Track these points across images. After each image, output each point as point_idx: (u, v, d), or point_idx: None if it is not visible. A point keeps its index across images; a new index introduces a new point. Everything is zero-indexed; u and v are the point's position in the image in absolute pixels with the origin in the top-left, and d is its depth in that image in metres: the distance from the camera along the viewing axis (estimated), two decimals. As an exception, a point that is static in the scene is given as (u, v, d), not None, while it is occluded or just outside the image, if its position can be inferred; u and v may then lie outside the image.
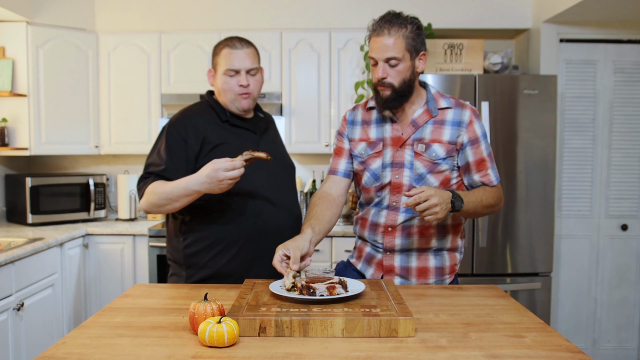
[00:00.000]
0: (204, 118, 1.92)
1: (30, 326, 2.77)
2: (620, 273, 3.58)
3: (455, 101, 1.88)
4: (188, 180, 1.74)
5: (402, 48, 1.74)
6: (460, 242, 1.93)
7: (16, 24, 3.44)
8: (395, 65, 1.75)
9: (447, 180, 1.84)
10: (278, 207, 1.91)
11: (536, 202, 3.21)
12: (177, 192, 1.75)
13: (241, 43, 1.92)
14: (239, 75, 1.88)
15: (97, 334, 1.35)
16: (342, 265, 2.05)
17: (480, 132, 1.84)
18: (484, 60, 3.40)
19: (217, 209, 1.86)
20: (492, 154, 1.88)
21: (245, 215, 1.86)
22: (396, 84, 1.77)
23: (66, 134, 3.62)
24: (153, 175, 1.84)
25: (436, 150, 1.81)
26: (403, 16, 1.78)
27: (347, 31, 3.62)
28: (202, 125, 1.89)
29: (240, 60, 1.89)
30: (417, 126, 1.84)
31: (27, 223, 3.49)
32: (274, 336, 1.32)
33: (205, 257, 1.88)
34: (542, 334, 1.36)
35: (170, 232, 1.98)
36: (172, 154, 1.85)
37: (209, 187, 1.71)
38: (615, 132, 3.54)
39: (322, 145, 3.67)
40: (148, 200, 1.81)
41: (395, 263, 1.88)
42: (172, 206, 1.79)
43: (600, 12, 3.22)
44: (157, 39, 3.68)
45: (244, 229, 1.86)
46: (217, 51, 1.92)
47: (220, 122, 1.92)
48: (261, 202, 1.88)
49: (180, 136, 1.86)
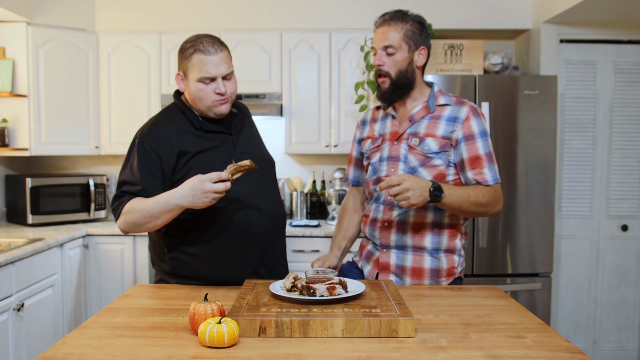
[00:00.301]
0: (177, 127, 1.80)
1: (30, 326, 2.77)
2: (620, 273, 3.58)
3: (456, 99, 1.90)
4: (169, 195, 1.65)
5: (400, 38, 1.82)
6: (458, 243, 1.92)
7: (16, 25, 3.44)
8: (392, 54, 1.83)
9: (441, 175, 1.84)
10: (263, 213, 1.83)
11: (536, 202, 3.21)
12: (157, 209, 1.66)
13: (214, 47, 1.74)
14: (214, 82, 1.75)
15: (97, 334, 1.35)
16: (347, 265, 2.09)
17: (478, 129, 1.83)
18: (484, 60, 3.40)
19: (202, 221, 1.77)
20: (493, 154, 1.86)
21: (231, 227, 1.78)
22: (392, 74, 1.84)
23: (66, 134, 3.62)
24: (128, 194, 1.74)
25: (429, 144, 1.83)
26: (407, 14, 1.86)
27: (347, 31, 3.63)
28: (176, 137, 1.78)
29: (216, 66, 1.73)
30: (413, 121, 1.88)
31: (27, 223, 3.49)
32: (274, 337, 1.32)
33: (192, 271, 1.82)
34: (542, 335, 1.36)
35: (154, 242, 1.90)
36: (146, 172, 1.73)
37: (192, 201, 1.61)
38: (615, 132, 3.54)
39: (322, 146, 3.67)
40: (126, 221, 1.71)
41: (390, 261, 1.90)
42: (153, 224, 1.70)
43: (600, 13, 3.22)
44: (157, 39, 3.68)
45: (231, 241, 1.79)
46: (187, 55, 1.75)
47: (194, 129, 1.81)
48: (246, 210, 1.80)
49: (154, 151, 1.75)
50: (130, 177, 1.76)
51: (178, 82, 1.83)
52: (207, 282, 1.83)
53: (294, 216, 3.81)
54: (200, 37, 1.77)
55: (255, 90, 3.63)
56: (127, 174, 1.78)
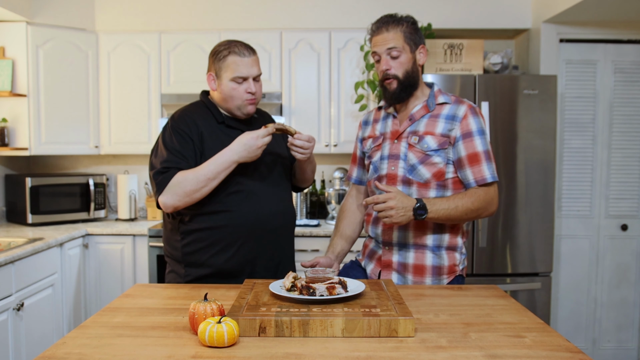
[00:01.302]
0: (203, 118, 1.95)
1: (30, 326, 2.77)
2: (620, 273, 3.58)
3: (455, 98, 1.92)
4: (222, 154, 1.82)
5: (402, 40, 1.85)
6: (460, 241, 1.93)
7: (16, 24, 3.44)
8: (397, 57, 1.85)
9: (440, 173, 1.85)
10: (276, 209, 1.96)
11: (536, 202, 3.21)
12: (214, 169, 1.81)
13: (247, 50, 1.93)
14: (246, 82, 1.92)
15: (97, 334, 1.35)
16: (350, 264, 2.10)
17: (476, 127, 1.84)
18: (484, 60, 3.40)
19: (216, 209, 1.89)
20: (491, 152, 1.87)
21: (244, 216, 1.89)
22: (400, 75, 1.87)
23: (66, 134, 3.62)
24: (172, 169, 1.84)
25: (428, 142, 1.85)
26: (398, 16, 1.89)
27: (347, 31, 3.62)
28: (202, 125, 1.93)
29: (249, 68, 1.91)
30: (413, 120, 1.91)
31: (27, 223, 3.49)
32: (273, 336, 1.32)
33: (204, 256, 1.90)
34: (542, 334, 1.36)
35: (167, 231, 2.00)
36: (185, 148, 1.87)
37: (247, 155, 1.82)
38: (615, 132, 3.54)
39: (322, 146, 3.67)
40: (177, 192, 1.81)
41: (393, 258, 1.92)
42: (210, 186, 1.82)
43: (600, 12, 3.22)
44: (157, 39, 3.67)
45: (244, 229, 1.90)
46: (221, 57, 1.92)
47: (217, 123, 1.95)
48: (259, 201, 1.92)
49: (186, 133, 1.89)
50: (170, 155, 1.86)
51: (210, 81, 1.98)
52: (217, 269, 1.90)
53: (294, 216, 3.80)
54: (234, 41, 1.94)
55: (255, 89, 3.63)
56: (165, 153, 1.87)
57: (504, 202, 3.19)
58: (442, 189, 1.87)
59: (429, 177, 1.85)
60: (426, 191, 1.86)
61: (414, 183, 1.87)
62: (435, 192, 1.86)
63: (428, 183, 1.86)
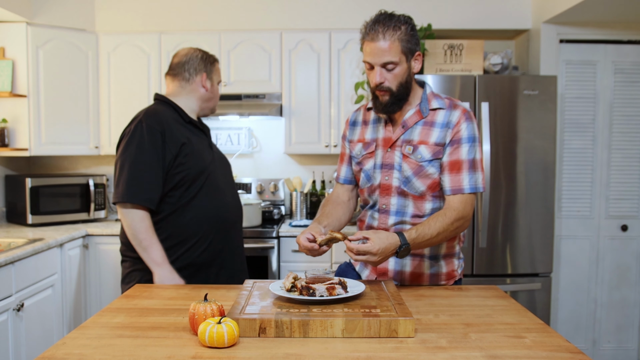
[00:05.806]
0: (172, 117, 2.07)
1: (30, 327, 2.77)
2: (620, 273, 3.58)
3: (449, 102, 1.83)
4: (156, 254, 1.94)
5: (398, 51, 1.72)
6: (457, 247, 1.91)
7: (16, 25, 3.44)
8: (392, 69, 1.74)
9: (434, 184, 1.80)
10: (233, 203, 2.15)
11: (536, 202, 3.21)
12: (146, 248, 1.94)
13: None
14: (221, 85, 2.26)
15: (97, 334, 1.35)
16: (344, 266, 2.05)
17: (466, 134, 1.76)
18: (484, 60, 3.40)
19: (188, 208, 2.01)
20: (477, 162, 1.78)
21: (213, 212, 2.04)
22: (394, 88, 1.76)
23: (66, 134, 3.62)
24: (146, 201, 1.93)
25: (422, 152, 1.78)
26: (396, 17, 1.74)
27: (347, 32, 3.62)
28: (172, 123, 2.04)
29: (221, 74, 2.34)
30: (406, 127, 1.82)
31: (27, 224, 3.49)
32: (273, 337, 1.32)
33: (177, 252, 1.99)
34: (542, 335, 1.36)
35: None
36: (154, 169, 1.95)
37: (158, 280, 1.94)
38: (615, 132, 3.54)
39: (322, 146, 3.67)
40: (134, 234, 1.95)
41: (389, 267, 1.88)
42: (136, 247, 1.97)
43: (600, 13, 3.22)
44: (157, 40, 3.68)
45: (213, 224, 2.04)
46: (213, 62, 2.21)
47: (184, 122, 2.09)
48: (223, 199, 2.09)
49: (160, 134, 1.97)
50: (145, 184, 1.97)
51: (204, 81, 2.17)
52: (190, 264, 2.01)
53: (294, 216, 3.81)
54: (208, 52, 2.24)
55: (255, 90, 3.63)
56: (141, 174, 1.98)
57: (504, 202, 3.19)
58: (437, 199, 1.82)
59: (423, 189, 1.80)
60: (422, 203, 1.81)
61: (409, 195, 1.81)
62: (432, 204, 1.82)
63: (423, 195, 1.81)
